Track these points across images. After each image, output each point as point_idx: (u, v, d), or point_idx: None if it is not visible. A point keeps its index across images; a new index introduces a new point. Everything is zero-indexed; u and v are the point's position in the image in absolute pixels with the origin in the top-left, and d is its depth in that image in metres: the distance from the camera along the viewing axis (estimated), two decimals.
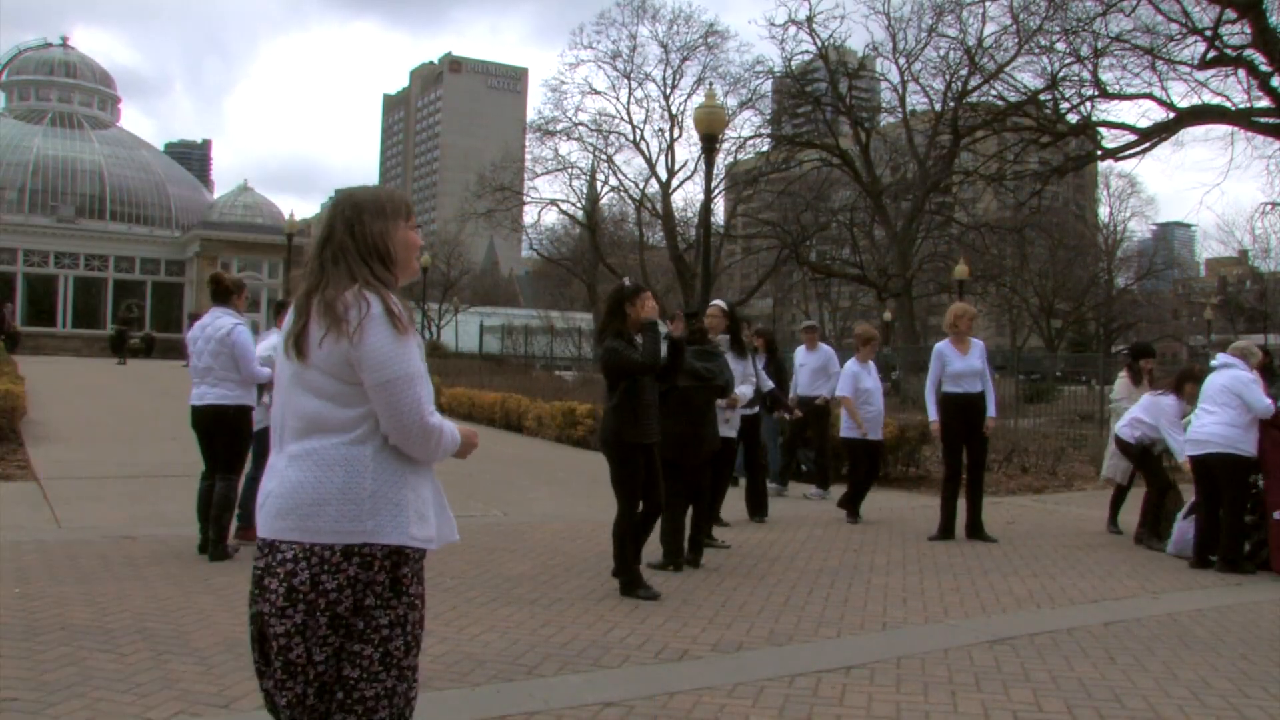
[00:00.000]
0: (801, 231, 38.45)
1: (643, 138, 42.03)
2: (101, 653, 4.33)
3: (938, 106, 35.78)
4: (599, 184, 44.55)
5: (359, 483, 2.22)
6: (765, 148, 39.48)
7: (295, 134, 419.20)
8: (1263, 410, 7.05)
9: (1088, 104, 30.14)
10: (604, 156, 42.51)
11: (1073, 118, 30.80)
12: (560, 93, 53.51)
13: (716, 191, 37.52)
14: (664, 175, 42.16)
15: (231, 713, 3.73)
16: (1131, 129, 29.36)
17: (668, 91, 41.21)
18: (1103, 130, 30.43)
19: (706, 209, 20.87)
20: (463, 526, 5.87)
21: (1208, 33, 24.91)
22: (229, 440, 6.53)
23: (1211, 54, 25.14)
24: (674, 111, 41.11)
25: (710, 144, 15.76)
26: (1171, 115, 27.36)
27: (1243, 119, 25.83)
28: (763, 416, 9.21)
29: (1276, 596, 6.44)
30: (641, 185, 42.88)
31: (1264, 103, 25.19)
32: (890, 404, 21.82)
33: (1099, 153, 31.65)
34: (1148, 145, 28.56)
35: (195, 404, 6.52)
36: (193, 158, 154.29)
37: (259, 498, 2.34)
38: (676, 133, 41.54)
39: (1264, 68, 24.28)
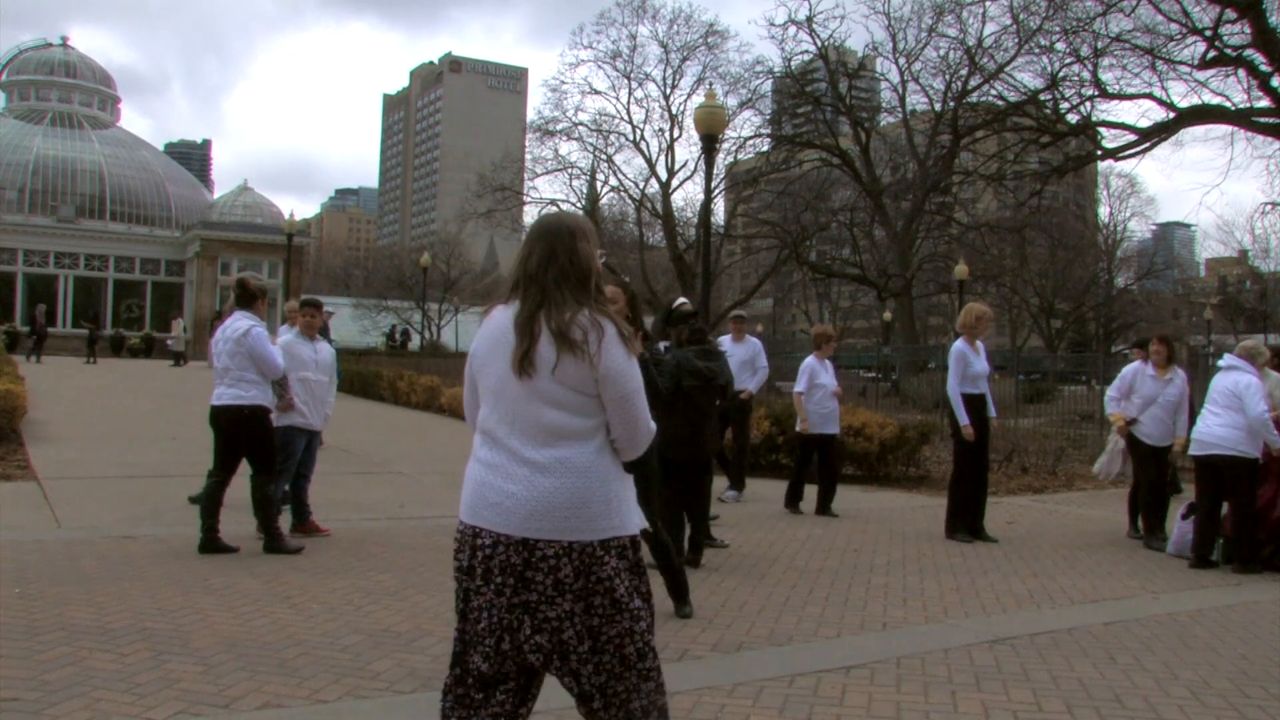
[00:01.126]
0: (801, 231, 38.43)
1: (643, 138, 42.04)
2: (101, 653, 4.32)
3: (938, 106, 35.79)
4: (599, 184, 44.54)
5: (607, 485, 2.52)
6: (765, 148, 39.49)
7: (293, 134, 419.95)
8: (1257, 417, 7.02)
9: (1088, 104, 30.18)
10: (604, 156, 42.51)
11: (1073, 118, 30.82)
12: (560, 93, 53.47)
13: (716, 191, 37.55)
14: (664, 175, 42.17)
15: (231, 713, 3.73)
16: (1131, 129, 29.40)
17: (668, 91, 41.21)
18: (1103, 130, 30.46)
19: (706, 209, 20.90)
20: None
21: (1208, 33, 24.92)
22: (250, 440, 6.63)
23: (1211, 54, 25.16)
24: (674, 111, 41.11)
25: (710, 144, 15.74)
26: (1171, 115, 27.38)
27: (1243, 119, 25.84)
28: None
29: (1276, 596, 6.45)
30: (641, 185, 42.88)
31: (1264, 103, 25.21)
32: (891, 404, 21.97)
33: (1099, 153, 31.67)
34: (1148, 145, 28.59)
35: (214, 404, 6.66)
36: (193, 158, 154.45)
37: (492, 496, 2.51)
38: (676, 133, 41.54)
39: (1264, 68, 24.29)
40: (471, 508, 2.55)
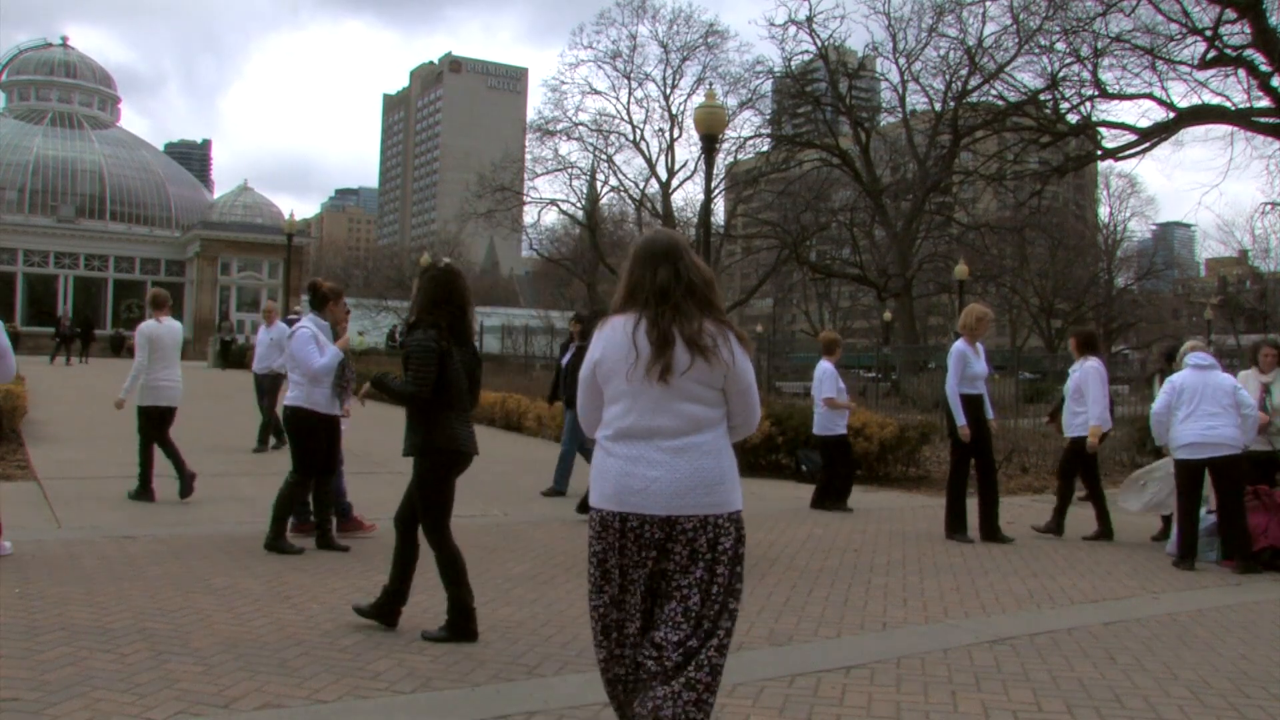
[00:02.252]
0: (801, 231, 38.43)
1: (643, 138, 42.13)
2: (101, 653, 4.32)
3: (938, 106, 35.78)
4: (599, 184, 44.61)
5: (733, 464, 2.90)
6: (765, 148, 39.50)
7: (292, 134, 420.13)
8: (1252, 409, 7.30)
9: (1088, 104, 30.18)
10: (604, 156, 42.60)
11: (1073, 118, 30.82)
12: (560, 93, 53.71)
13: (716, 191, 37.54)
14: (664, 175, 42.25)
15: (231, 713, 3.73)
16: (1131, 129, 29.40)
17: (668, 91, 41.29)
18: (1103, 130, 30.46)
19: (706, 209, 20.90)
20: (462, 527, 5.86)
21: (1208, 33, 24.93)
22: (290, 440, 6.76)
23: (1211, 54, 25.16)
24: (674, 111, 41.20)
25: (710, 144, 15.76)
26: (1171, 115, 27.38)
27: (1243, 119, 25.84)
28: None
29: (1276, 596, 6.45)
30: (641, 185, 42.98)
31: (1264, 103, 25.21)
32: (891, 404, 21.97)
33: (1099, 153, 31.67)
34: (1148, 145, 28.59)
35: None
36: (193, 158, 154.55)
37: (636, 484, 2.80)
38: (676, 133, 41.64)
39: (1264, 68, 24.30)
40: (617, 497, 2.83)
